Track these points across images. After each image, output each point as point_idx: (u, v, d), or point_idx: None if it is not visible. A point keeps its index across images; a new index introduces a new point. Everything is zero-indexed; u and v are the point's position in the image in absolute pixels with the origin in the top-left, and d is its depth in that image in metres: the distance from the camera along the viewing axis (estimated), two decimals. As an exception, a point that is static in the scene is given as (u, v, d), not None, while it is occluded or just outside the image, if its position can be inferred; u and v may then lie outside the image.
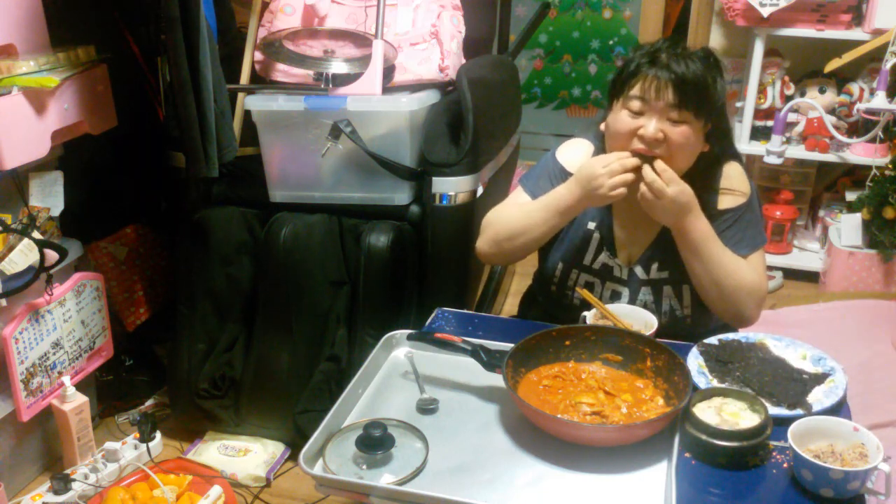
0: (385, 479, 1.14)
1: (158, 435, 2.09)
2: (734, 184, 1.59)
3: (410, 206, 2.05)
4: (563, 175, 1.64)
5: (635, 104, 1.47)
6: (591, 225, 1.64)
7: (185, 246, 2.11)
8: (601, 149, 1.63)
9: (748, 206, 1.59)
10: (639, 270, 1.61)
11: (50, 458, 2.07)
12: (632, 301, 1.59)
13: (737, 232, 1.57)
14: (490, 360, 1.33)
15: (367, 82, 1.95)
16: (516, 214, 1.62)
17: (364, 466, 1.17)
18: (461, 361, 1.39)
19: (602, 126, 1.59)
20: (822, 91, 3.04)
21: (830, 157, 3.03)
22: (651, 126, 1.45)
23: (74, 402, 1.96)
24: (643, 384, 1.33)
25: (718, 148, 1.58)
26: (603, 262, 1.63)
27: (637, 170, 1.47)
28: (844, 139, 2.95)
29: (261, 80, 2.14)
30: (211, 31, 1.85)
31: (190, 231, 2.08)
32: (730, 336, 1.48)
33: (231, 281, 2.10)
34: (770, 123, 3.02)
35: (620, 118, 1.49)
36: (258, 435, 2.13)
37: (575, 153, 1.68)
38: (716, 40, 3.39)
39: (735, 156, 1.64)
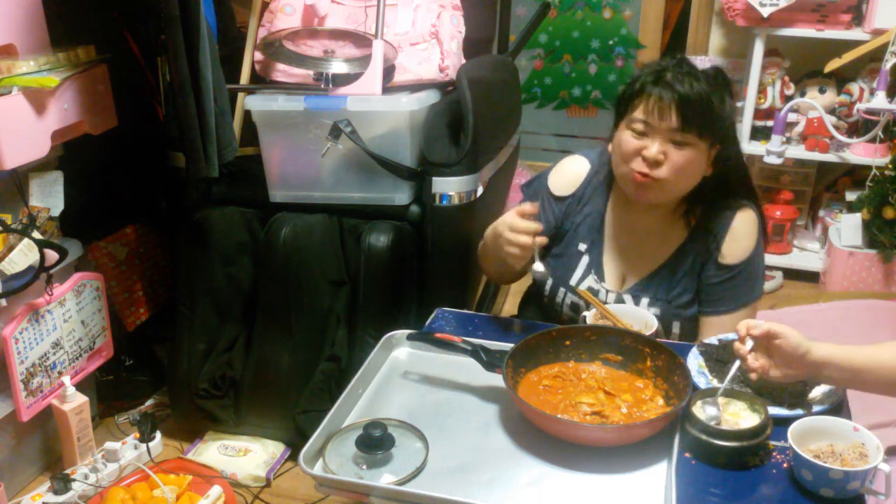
0: (385, 479, 1.14)
1: (158, 435, 2.09)
2: (739, 240, 1.54)
3: (410, 206, 2.05)
4: (547, 196, 1.65)
5: (639, 125, 1.45)
6: (582, 247, 1.63)
7: (185, 246, 2.11)
8: (599, 168, 1.63)
9: (746, 264, 1.55)
10: (627, 298, 1.59)
11: (50, 458, 2.07)
12: None
13: (727, 289, 1.55)
14: (490, 360, 1.33)
15: (367, 82, 1.95)
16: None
17: (364, 466, 1.17)
18: (461, 361, 1.39)
19: (609, 147, 1.56)
20: (822, 91, 3.04)
21: (830, 157, 3.03)
22: (654, 147, 1.44)
23: (74, 402, 1.96)
24: (643, 384, 1.33)
25: (727, 173, 1.53)
26: (589, 285, 1.62)
27: (533, 234, 1.45)
28: (844, 139, 2.95)
29: (261, 80, 2.13)
30: (211, 31, 1.85)
31: (190, 231, 2.08)
32: (730, 336, 1.48)
33: (231, 281, 2.10)
34: (770, 123, 3.02)
35: (624, 138, 1.48)
36: (258, 435, 2.13)
37: (566, 174, 1.66)
38: (716, 40, 3.39)
39: (751, 198, 1.59)
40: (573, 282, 1.62)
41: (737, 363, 1.28)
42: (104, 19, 2.14)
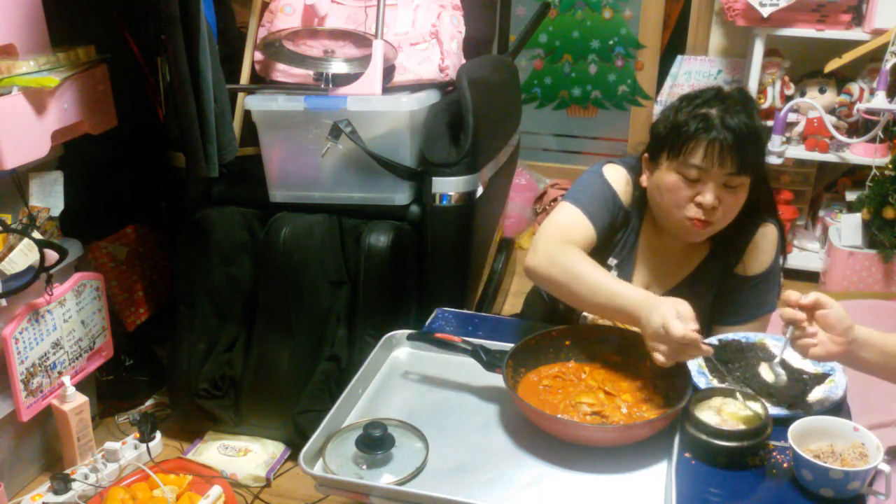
0: (385, 479, 1.14)
1: (158, 435, 2.09)
2: (759, 253, 1.55)
3: (410, 206, 2.05)
4: (616, 203, 1.56)
5: (693, 172, 1.41)
6: (612, 262, 1.61)
7: (185, 246, 2.11)
8: (636, 180, 1.59)
9: (762, 277, 1.56)
10: None
11: (50, 458, 2.07)
12: None
13: (741, 300, 1.57)
14: (490, 360, 1.33)
15: (367, 82, 1.95)
16: (584, 270, 1.39)
17: (364, 466, 1.17)
18: (461, 361, 1.39)
19: (643, 181, 1.53)
20: (822, 91, 3.04)
21: (830, 157, 3.03)
22: (709, 195, 1.41)
23: (74, 402, 1.96)
24: (643, 384, 1.33)
25: (758, 196, 1.52)
26: None
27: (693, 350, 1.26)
28: (844, 139, 2.95)
29: (261, 80, 2.14)
30: (211, 31, 1.85)
31: (190, 231, 2.08)
32: (730, 336, 1.48)
33: (231, 281, 2.10)
34: (770, 123, 3.01)
35: (674, 183, 1.43)
36: (258, 435, 2.13)
37: (624, 185, 1.59)
38: (716, 40, 3.39)
39: (774, 214, 1.59)
40: None
41: (790, 330, 1.25)
42: (104, 19, 2.14)
